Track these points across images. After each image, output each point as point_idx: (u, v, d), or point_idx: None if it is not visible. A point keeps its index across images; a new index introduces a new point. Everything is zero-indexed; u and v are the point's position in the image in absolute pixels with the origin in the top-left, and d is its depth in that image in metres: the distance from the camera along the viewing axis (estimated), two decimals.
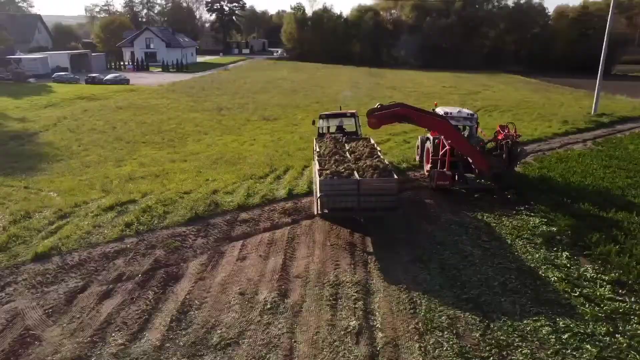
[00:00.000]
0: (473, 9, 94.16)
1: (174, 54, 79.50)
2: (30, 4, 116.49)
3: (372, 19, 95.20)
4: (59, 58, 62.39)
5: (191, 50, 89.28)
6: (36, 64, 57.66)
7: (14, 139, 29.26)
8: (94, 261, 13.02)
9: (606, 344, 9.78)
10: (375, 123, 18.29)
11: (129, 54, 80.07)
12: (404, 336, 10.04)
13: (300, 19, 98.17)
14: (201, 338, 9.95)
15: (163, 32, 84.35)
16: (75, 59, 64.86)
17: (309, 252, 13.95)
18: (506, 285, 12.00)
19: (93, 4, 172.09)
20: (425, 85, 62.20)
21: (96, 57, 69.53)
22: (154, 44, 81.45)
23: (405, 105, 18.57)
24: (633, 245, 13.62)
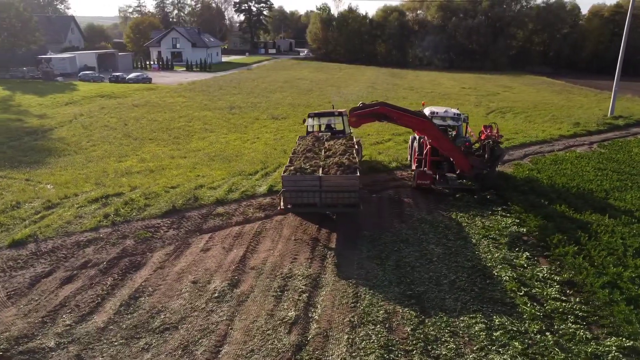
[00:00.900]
0: (501, 9, 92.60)
1: (199, 54, 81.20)
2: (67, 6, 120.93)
3: (396, 20, 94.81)
4: (87, 57, 64.71)
5: (216, 50, 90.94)
6: (65, 63, 60.02)
7: (30, 134, 30.67)
8: (66, 249, 13.78)
9: (535, 341, 9.83)
10: (355, 122, 18.60)
11: (156, 54, 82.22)
12: (337, 328, 10.34)
13: (326, 19, 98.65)
14: (143, 322, 10.49)
15: (189, 32, 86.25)
16: (102, 58, 67.14)
17: (272, 245, 14.37)
18: (455, 283, 12.13)
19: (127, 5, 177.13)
20: (444, 86, 61.72)
21: (123, 57, 71.76)
22: (180, 43, 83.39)
23: (385, 104, 18.73)
24: (593, 246, 13.49)
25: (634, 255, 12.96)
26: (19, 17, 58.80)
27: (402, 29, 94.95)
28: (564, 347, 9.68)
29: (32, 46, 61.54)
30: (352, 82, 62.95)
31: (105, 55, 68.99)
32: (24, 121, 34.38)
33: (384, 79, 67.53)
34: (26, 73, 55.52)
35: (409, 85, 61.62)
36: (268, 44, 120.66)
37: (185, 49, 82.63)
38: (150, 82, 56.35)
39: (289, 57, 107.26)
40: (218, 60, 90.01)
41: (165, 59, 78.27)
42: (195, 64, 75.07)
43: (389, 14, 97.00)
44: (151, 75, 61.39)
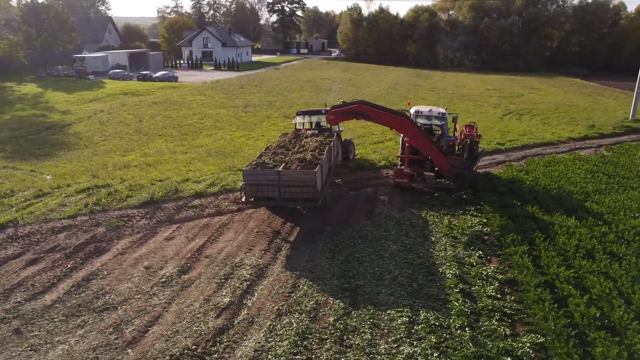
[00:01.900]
0: (535, 9, 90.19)
1: (229, 53, 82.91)
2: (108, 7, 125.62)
3: (427, 20, 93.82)
4: (119, 56, 67.23)
5: (246, 50, 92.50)
6: (97, 62, 62.62)
7: (49, 128, 32.40)
8: (40, 234, 14.77)
9: (453, 336, 9.99)
10: (333, 119, 18.97)
11: (187, 53, 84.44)
12: (264, 315, 10.79)
13: (356, 19, 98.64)
14: (87, 302, 11.25)
15: (220, 32, 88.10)
16: (133, 57, 69.59)
17: (233, 237, 14.94)
18: (396, 279, 12.34)
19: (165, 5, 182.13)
20: (468, 87, 60.88)
21: (154, 56, 74.09)
22: (211, 43, 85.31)
23: (364, 102, 18.97)
24: (545, 247, 13.41)
25: (584, 256, 12.81)
26: (57, 18, 61.67)
27: (432, 29, 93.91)
28: (479, 342, 9.80)
29: (69, 46, 64.40)
30: (375, 83, 62.94)
31: (137, 54, 71.43)
32: (47, 116, 36.26)
33: (407, 80, 67.16)
34: (61, 71, 58.25)
35: (432, 86, 61.09)
36: (300, 44, 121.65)
37: (215, 49, 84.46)
38: (176, 81, 58.03)
39: (319, 57, 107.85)
40: (248, 59, 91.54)
41: (196, 58, 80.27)
42: (224, 63, 76.70)
43: (420, 14, 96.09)
44: (179, 73, 63.20)
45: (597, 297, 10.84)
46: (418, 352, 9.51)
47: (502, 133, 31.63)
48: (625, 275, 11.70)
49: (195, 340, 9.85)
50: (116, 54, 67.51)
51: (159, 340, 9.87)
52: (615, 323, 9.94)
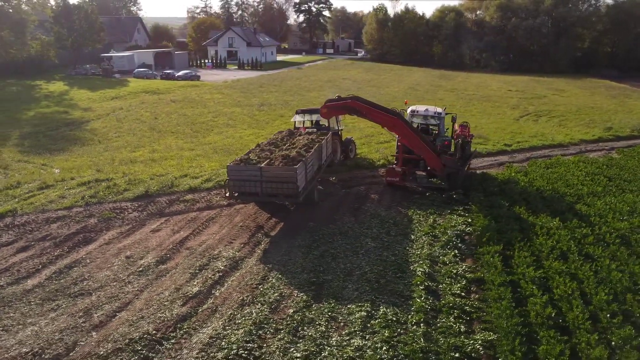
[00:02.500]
0: (566, 9, 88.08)
1: (254, 53, 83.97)
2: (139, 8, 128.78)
3: (453, 20, 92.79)
4: (145, 56, 69.01)
5: (271, 49, 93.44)
6: (123, 61, 64.45)
7: (68, 125, 33.68)
8: (35, 223, 15.56)
9: (406, 331, 10.14)
10: (326, 113, 19.13)
11: (213, 52, 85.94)
12: (227, 305, 11.18)
13: (381, 19, 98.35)
14: (65, 287, 11.86)
15: (245, 32, 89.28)
16: (159, 56, 71.27)
17: (217, 230, 15.40)
18: (365, 275, 12.53)
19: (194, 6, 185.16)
20: (490, 88, 60.08)
21: (179, 55, 75.71)
22: (236, 43, 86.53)
23: (358, 98, 19.04)
24: (521, 247, 13.37)
25: (558, 257, 12.73)
26: (86, 19, 63.78)
27: (458, 29, 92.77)
28: (431, 337, 9.93)
29: (97, 45, 66.49)
30: (395, 83, 62.79)
31: (162, 53, 73.12)
32: (68, 113, 37.66)
33: (429, 81, 66.71)
34: (88, 70, 60.22)
35: (453, 87, 60.51)
36: (327, 44, 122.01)
37: (240, 48, 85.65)
38: (198, 80, 59.20)
39: (345, 57, 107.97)
40: (272, 59, 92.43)
41: (222, 57, 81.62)
42: (247, 63, 77.71)
43: (446, 14, 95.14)
44: (203, 72, 64.44)
45: (558, 297, 10.80)
46: (368, 345, 9.70)
47: (513, 134, 31.25)
48: (592, 276, 11.59)
49: (156, 326, 10.30)
50: (142, 54, 69.29)
51: (124, 324, 10.36)
52: (569, 323, 9.91)
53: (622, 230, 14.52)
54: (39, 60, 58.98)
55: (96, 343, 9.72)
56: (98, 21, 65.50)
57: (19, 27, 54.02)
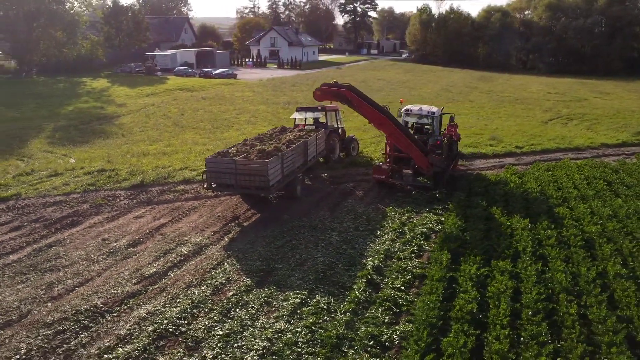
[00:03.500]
0: (621, 8, 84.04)
1: (295, 52, 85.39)
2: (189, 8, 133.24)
3: (499, 20, 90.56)
4: (187, 54, 71.72)
5: (313, 49, 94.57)
6: (166, 60, 67.25)
7: (99, 119, 35.86)
8: (33, 207, 17.01)
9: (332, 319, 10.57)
10: (319, 95, 19.14)
11: (255, 52, 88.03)
12: (176, 285, 11.98)
13: (425, 20, 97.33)
14: (38, 263, 13.05)
15: (287, 32, 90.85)
16: (201, 55, 73.84)
17: (195, 219, 16.30)
18: (315, 266, 12.98)
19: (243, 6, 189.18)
20: (529, 91, 58.47)
21: (221, 54, 78.13)
22: (278, 42, 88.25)
23: (353, 89, 19.04)
24: (477, 245, 13.44)
25: (510, 257, 12.74)
26: (133, 20, 67.06)
27: (504, 30, 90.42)
28: (353, 326, 10.32)
29: (143, 45, 69.73)
30: (430, 84, 62.25)
31: (204, 52, 75.68)
32: (103, 109, 40.01)
33: (467, 82, 65.62)
34: (132, 68, 63.32)
35: (489, 89, 59.29)
36: (372, 45, 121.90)
37: (282, 48, 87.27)
38: (234, 78, 61.01)
39: (388, 58, 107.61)
40: (314, 59, 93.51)
41: (263, 57, 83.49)
42: (286, 62, 79.07)
43: (492, 14, 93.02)
44: (242, 71, 66.29)
45: (490, 294, 10.90)
46: (290, 328, 10.21)
47: (531, 137, 30.59)
48: (535, 276, 11.57)
49: (105, 301, 11.24)
50: (184, 52, 72.00)
51: (77, 298, 11.36)
52: (489, 318, 10.04)
53: (591, 234, 14.25)
54: (89, 59, 62.53)
55: (47, 312, 10.75)
56: (144, 21, 68.71)
57: (70, 28, 57.56)
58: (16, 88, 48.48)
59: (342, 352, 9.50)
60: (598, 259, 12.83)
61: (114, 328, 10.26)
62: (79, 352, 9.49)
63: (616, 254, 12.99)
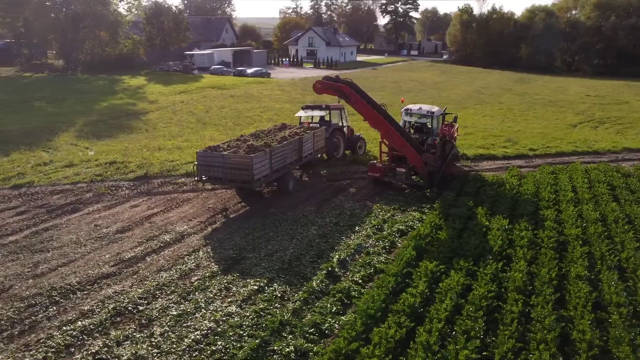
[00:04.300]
0: None
1: (333, 52, 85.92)
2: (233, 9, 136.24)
3: (543, 20, 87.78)
4: (224, 54, 73.54)
5: (351, 50, 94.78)
6: (204, 59, 69.27)
7: (128, 115, 37.57)
8: (42, 194, 18.32)
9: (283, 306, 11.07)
10: (319, 88, 19.60)
11: (294, 51, 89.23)
12: (148, 269, 12.78)
13: (466, 20, 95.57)
14: (32, 244, 14.18)
15: (325, 32, 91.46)
16: (238, 54, 75.56)
17: (186, 210, 17.14)
18: (283, 257, 13.48)
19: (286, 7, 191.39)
20: (566, 93, 56.71)
21: (257, 54, 79.68)
22: (316, 42, 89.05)
23: (352, 86, 19.33)
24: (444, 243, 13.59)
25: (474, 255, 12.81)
26: (174, 20, 69.53)
27: (548, 30, 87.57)
28: (300, 314, 10.78)
29: (183, 44, 72.12)
30: (463, 86, 61.38)
31: (241, 52, 77.38)
32: (135, 105, 41.81)
33: (502, 84, 64.23)
34: (171, 67, 65.59)
35: (524, 91, 57.85)
36: (413, 46, 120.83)
37: (319, 48, 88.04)
38: (267, 77, 62.20)
39: (428, 59, 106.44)
40: (352, 59, 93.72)
41: (301, 56, 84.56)
42: (322, 62, 79.74)
43: (536, 14, 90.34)
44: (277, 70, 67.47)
45: (439, 290, 11.08)
46: (239, 312, 10.78)
47: (550, 140, 29.94)
48: (490, 274, 11.65)
49: (81, 280, 12.16)
50: (222, 52, 73.89)
51: (57, 276, 12.34)
52: (428, 314, 10.25)
53: (568, 237, 14.08)
54: (130, 58, 65.26)
55: (26, 288, 11.77)
56: (184, 22, 70.99)
57: (113, 28, 60.33)
58: (60, 85, 51.29)
59: (281, 337, 9.96)
60: (565, 261, 12.71)
61: (80, 304, 11.12)
62: (43, 324, 10.39)
63: (586, 257, 12.82)
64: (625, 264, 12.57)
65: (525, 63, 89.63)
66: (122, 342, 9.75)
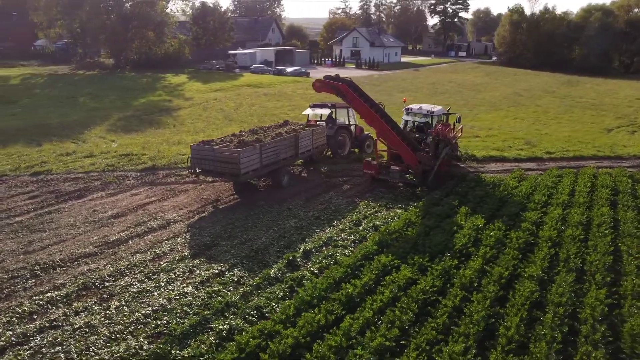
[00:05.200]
0: None
1: (376, 53, 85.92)
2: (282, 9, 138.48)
3: (599, 20, 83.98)
4: (267, 53, 75.12)
5: (395, 50, 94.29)
6: (246, 58, 71.12)
7: (162, 111, 39.47)
8: (56, 181, 19.92)
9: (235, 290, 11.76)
10: (318, 86, 20.06)
11: (338, 51, 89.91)
12: (126, 251, 13.81)
13: (515, 21, 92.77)
14: (32, 225, 15.58)
15: (369, 33, 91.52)
16: (280, 54, 76.99)
17: (181, 199, 18.20)
18: (253, 246, 14.16)
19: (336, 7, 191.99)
20: (613, 97, 54.25)
21: (300, 53, 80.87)
22: (360, 43, 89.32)
23: (351, 85, 19.67)
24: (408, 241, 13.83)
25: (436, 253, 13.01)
26: (219, 20, 71.88)
27: (605, 30, 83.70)
28: (248, 297, 11.42)
29: (227, 43, 74.40)
30: (503, 88, 59.99)
31: (284, 51, 78.81)
32: (171, 102, 43.78)
33: (547, 86, 62.19)
34: (214, 65, 67.85)
35: (567, 94, 55.81)
36: (462, 47, 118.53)
37: (363, 48, 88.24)
38: (307, 76, 63.15)
39: (475, 61, 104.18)
40: (396, 60, 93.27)
41: (343, 56, 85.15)
42: (364, 62, 79.93)
43: (592, 13, 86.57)
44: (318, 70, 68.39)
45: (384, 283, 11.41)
46: (193, 292, 11.57)
47: (574, 143, 29.17)
48: (440, 270, 11.86)
49: (64, 257, 13.34)
50: (265, 51, 75.55)
51: (45, 253, 13.60)
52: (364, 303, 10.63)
53: (540, 238, 13.98)
54: (176, 57, 68.02)
55: (14, 262, 13.07)
56: (229, 22, 73.15)
57: (160, 28, 63.18)
58: (107, 82, 54.31)
59: (223, 316, 10.64)
60: (526, 262, 12.68)
61: (55, 278, 12.27)
62: (18, 293, 11.59)
63: (549, 258, 12.74)
64: (588, 267, 12.39)
65: (578, 65, 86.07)
66: (79, 313, 10.75)
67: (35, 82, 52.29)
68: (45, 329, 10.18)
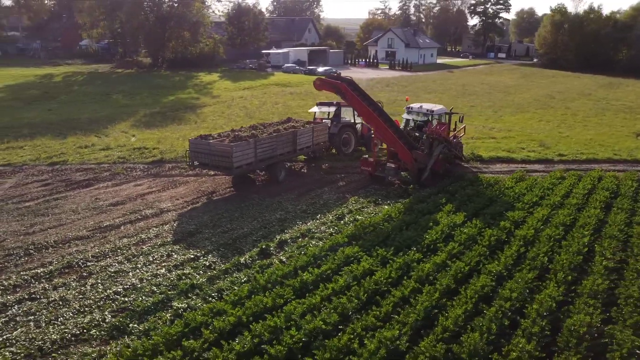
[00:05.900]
0: None
1: (411, 54, 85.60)
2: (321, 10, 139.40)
3: None
4: (300, 53, 76.15)
5: (431, 51, 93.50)
6: (279, 57, 72.39)
7: (187, 108, 40.89)
8: (69, 170, 21.27)
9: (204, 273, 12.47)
10: (318, 85, 20.60)
11: (373, 52, 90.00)
12: (115, 236, 14.76)
13: (558, 21, 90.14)
14: (38, 209, 16.83)
15: (404, 33, 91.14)
16: (314, 54, 77.89)
17: (180, 191, 19.13)
18: (232, 234, 14.85)
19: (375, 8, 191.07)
20: None
21: (334, 53, 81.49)
22: (395, 43, 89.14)
23: (350, 83, 20.07)
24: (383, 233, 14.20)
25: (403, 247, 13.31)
26: (254, 20, 73.46)
27: None
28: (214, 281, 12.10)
29: (261, 43, 75.90)
30: (535, 90, 58.67)
31: (317, 51, 79.68)
32: (198, 99, 45.26)
33: (584, 89, 60.33)
34: (247, 65, 69.46)
35: (605, 96, 54.00)
36: (502, 48, 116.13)
37: (398, 49, 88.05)
38: None
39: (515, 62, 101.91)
40: (432, 61, 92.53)
41: (377, 57, 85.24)
42: (398, 63, 79.73)
43: None
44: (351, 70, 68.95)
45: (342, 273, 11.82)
46: (165, 274, 12.35)
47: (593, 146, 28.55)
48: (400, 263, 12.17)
49: (58, 239, 14.43)
50: (298, 51, 76.64)
51: (44, 235, 14.72)
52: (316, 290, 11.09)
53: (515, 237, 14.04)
54: (211, 56, 70.02)
55: (13, 242, 14.25)
56: (264, 22, 74.58)
57: (195, 28, 65.23)
58: (142, 80, 56.62)
59: (186, 296, 11.35)
60: (491, 258, 12.81)
61: (45, 257, 13.33)
62: (10, 269, 12.68)
63: (516, 256, 12.83)
64: (553, 266, 12.41)
65: (625, 66, 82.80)
66: (57, 287, 11.71)
67: (76, 79, 55.12)
68: (24, 300, 11.17)
